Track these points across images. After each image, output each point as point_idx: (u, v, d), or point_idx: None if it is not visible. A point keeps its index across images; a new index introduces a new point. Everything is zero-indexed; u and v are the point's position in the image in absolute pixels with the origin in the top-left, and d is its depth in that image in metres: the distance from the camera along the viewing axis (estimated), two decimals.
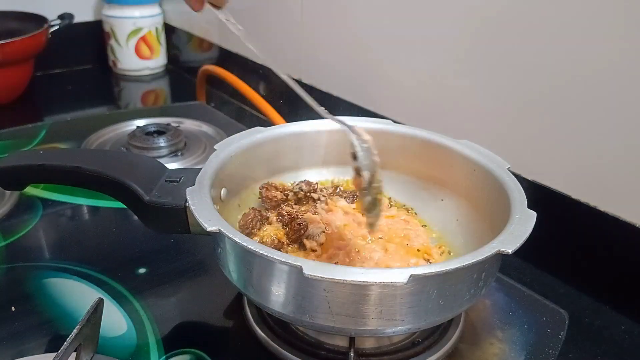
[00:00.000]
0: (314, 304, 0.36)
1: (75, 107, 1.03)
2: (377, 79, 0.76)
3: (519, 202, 0.41)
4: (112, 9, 1.11)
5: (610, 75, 0.51)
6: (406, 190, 0.53)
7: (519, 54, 0.58)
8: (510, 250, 0.35)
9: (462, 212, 0.49)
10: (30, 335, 0.45)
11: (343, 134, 0.53)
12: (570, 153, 0.55)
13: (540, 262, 0.59)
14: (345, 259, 0.43)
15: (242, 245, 0.35)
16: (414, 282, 0.33)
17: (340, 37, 0.80)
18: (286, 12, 0.87)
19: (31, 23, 0.97)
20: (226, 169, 0.46)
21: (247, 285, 0.39)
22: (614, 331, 0.51)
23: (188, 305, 0.49)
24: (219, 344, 0.45)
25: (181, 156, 0.75)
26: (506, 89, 0.60)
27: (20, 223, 0.59)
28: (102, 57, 1.19)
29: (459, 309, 0.39)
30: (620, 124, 0.51)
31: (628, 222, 0.52)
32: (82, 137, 0.77)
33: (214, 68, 0.92)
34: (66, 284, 0.51)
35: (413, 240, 0.47)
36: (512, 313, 0.49)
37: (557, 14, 0.54)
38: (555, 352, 0.45)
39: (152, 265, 0.53)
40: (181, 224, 0.43)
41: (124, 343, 0.44)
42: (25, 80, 1.01)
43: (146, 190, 0.44)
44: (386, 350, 0.44)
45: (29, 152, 0.64)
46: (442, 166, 0.51)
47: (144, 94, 1.14)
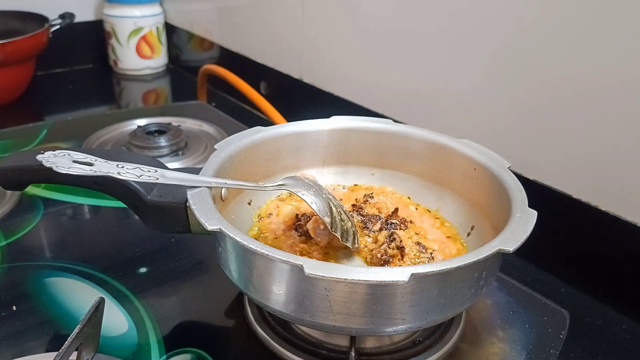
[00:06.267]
0: (315, 303, 0.36)
1: (76, 107, 1.03)
2: (377, 78, 0.76)
3: (520, 201, 0.41)
4: (113, 9, 1.11)
5: (610, 74, 0.51)
6: (406, 189, 0.53)
7: (519, 54, 0.58)
8: (511, 249, 0.35)
9: (463, 211, 0.49)
10: (31, 334, 0.45)
11: (343, 134, 0.54)
12: (571, 152, 0.55)
13: (541, 261, 0.59)
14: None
15: (243, 244, 0.35)
16: (415, 281, 0.33)
17: (341, 37, 0.80)
18: (287, 11, 0.87)
19: (32, 22, 0.98)
20: (227, 169, 0.46)
21: (248, 285, 0.39)
22: (615, 331, 0.51)
23: (189, 304, 0.49)
24: (220, 343, 0.45)
25: (182, 155, 0.75)
26: (507, 88, 0.60)
27: (21, 222, 0.59)
28: (103, 56, 1.19)
29: (459, 308, 0.39)
30: (621, 124, 0.51)
31: (629, 222, 0.52)
32: (83, 137, 0.77)
33: (214, 67, 0.93)
34: (67, 283, 0.51)
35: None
36: (513, 312, 0.49)
37: (557, 13, 0.54)
38: (556, 351, 0.45)
39: (153, 265, 0.53)
40: (182, 224, 0.43)
41: (125, 342, 0.44)
42: (26, 79, 1.01)
43: (147, 189, 0.44)
44: (387, 350, 0.44)
45: (30, 152, 0.64)
46: (443, 165, 0.51)
47: (145, 93, 1.15)
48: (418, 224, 0.49)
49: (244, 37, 1.00)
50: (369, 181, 0.54)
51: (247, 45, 1.00)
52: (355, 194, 0.53)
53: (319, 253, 0.44)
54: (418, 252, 0.44)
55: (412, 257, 0.44)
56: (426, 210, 0.51)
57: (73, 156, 0.39)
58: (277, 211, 0.50)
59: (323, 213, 0.41)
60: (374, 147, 0.54)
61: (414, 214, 0.50)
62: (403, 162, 0.53)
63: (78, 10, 1.10)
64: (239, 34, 1.01)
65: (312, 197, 0.41)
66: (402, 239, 0.44)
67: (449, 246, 0.47)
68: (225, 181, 0.42)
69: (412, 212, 0.51)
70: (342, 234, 0.42)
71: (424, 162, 0.52)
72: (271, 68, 0.95)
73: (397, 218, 0.48)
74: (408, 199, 0.53)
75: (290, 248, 0.45)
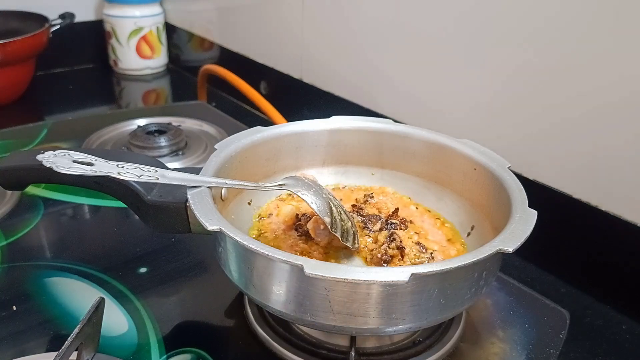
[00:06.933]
0: (315, 303, 0.36)
1: (76, 107, 1.03)
2: (377, 78, 0.76)
3: (520, 201, 0.41)
4: (113, 9, 1.11)
5: (610, 74, 0.51)
6: (406, 189, 0.53)
7: (520, 53, 0.58)
8: (511, 249, 0.35)
9: (463, 211, 0.49)
10: (31, 334, 0.45)
11: (344, 134, 0.54)
12: (572, 152, 0.55)
13: (541, 261, 0.59)
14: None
15: (243, 244, 0.35)
16: (415, 281, 0.33)
17: (341, 37, 0.80)
18: (287, 11, 0.87)
19: (32, 22, 0.98)
20: (227, 169, 0.46)
21: (248, 285, 0.39)
22: (615, 331, 0.51)
23: (189, 304, 0.49)
24: (220, 343, 0.45)
25: (182, 155, 0.75)
26: (507, 88, 0.60)
27: (21, 222, 0.59)
28: (103, 56, 1.19)
29: (460, 308, 0.39)
30: (622, 124, 0.51)
31: (629, 222, 0.52)
32: (83, 137, 0.77)
33: (214, 67, 0.93)
34: (67, 283, 0.51)
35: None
36: (513, 312, 0.49)
37: (559, 12, 0.54)
38: (556, 351, 0.45)
39: (153, 265, 0.53)
40: (182, 223, 0.43)
41: (125, 342, 0.44)
42: (26, 79, 1.01)
43: (147, 189, 0.44)
44: (387, 350, 0.44)
45: (30, 152, 0.64)
46: (443, 165, 0.51)
47: (145, 93, 1.15)
48: (418, 224, 0.49)
49: (244, 37, 1.00)
50: (369, 181, 0.54)
51: (247, 45, 1.00)
52: (355, 194, 0.53)
53: (319, 253, 0.44)
54: (418, 252, 0.44)
55: (412, 257, 0.44)
56: (426, 210, 0.51)
57: (73, 156, 0.39)
58: (277, 211, 0.50)
59: (323, 213, 0.41)
60: (374, 147, 0.54)
61: (414, 214, 0.50)
62: (403, 162, 0.53)
63: (78, 10, 1.10)
64: (239, 34, 1.01)
65: (312, 197, 0.41)
66: (402, 239, 0.44)
67: (449, 246, 0.47)
68: (225, 181, 0.42)
69: (412, 212, 0.51)
70: (342, 234, 0.42)
71: (424, 162, 0.52)
72: (271, 68, 0.95)
73: (397, 218, 0.48)
74: (408, 199, 0.53)
75: (290, 248, 0.45)
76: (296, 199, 0.51)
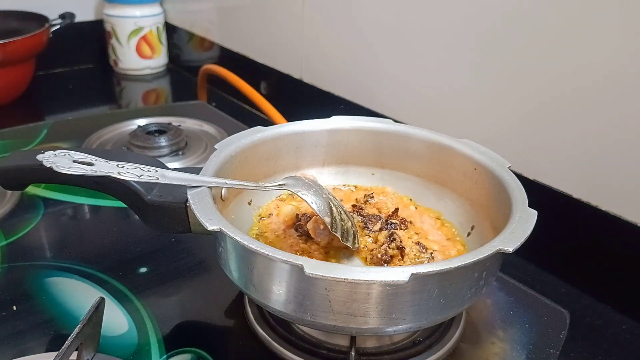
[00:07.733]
0: (315, 303, 0.36)
1: (77, 107, 1.03)
2: (378, 78, 0.76)
3: (520, 201, 0.41)
4: (113, 8, 1.11)
5: (611, 74, 0.51)
6: (406, 189, 0.53)
7: (520, 53, 0.58)
8: (511, 249, 0.35)
9: (463, 211, 0.49)
10: (31, 334, 0.45)
11: (343, 134, 0.54)
12: (572, 152, 0.55)
13: (541, 261, 0.59)
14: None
15: (243, 244, 0.35)
16: (415, 281, 0.33)
17: (341, 37, 0.80)
18: (287, 11, 0.87)
19: (32, 22, 0.98)
20: (227, 169, 0.46)
21: (248, 284, 0.39)
22: (615, 331, 0.51)
23: (189, 304, 0.49)
24: (220, 343, 0.45)
25: (182, 155, 0.75)
26: (507, 88, 0.60)
27: (21, 222, 0.59)
28: (103, 56, 1.19)
29: (460, 308, 0.39)
30: (622, 124, 0.51)
31: (629, 222, 0.52)
32: (83, 137, 0.77)
33: (214, 67, 0.93)
34: (67, 283, 0.51)
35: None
36: (513, 312, 0.49)
37: (560, 14, 0.54)
38: (557, 351, 0.45)
39: (153, 265, 0.53)
40: (182, 223, 0.43)
41: (125, 342, 0.44)
42: (27, 79, 1.01)
43: (147, 189, 0.44)
44: (387, 350, 0.44)
45: (30, 152, 0.64)
46: (443, 165, 0.51)
47: (145, 93, 1.15)
48: (418, 224, 0.49)
49: (244, 37, 1.00)
50: (369, 181, 0.54)
51: (247, 45, 1.00)
52: (356, 194, 0.53)
53: (319, 253, 0.44)
54: (418, 252, 0.44)
55: (412, 257, 0.44)
56: (426, 210, 0.51)
57: (73, 156, 0.39)
58: (278, 211, 0.50)
59: (323, 213, 0.41)
60: (374, 147, 0.54)
61: (414, 214, 0.50)
62: (403, 162, 0.53)
63: (78, 10, 1.10)
64: (239, 34, 1.01)
65: (312, 197, 0.41)
66: (402, 239, 0.44)
67: (449, 246, 0.47)
68: (226, 181, 0.42)
69: (412, 212, 0.51)
70: (342, 234, 0.42)
71: (424, 162, 0.52)
72: (271, 68, 0.95)
73: (397, 218, 0.48)
74: (409, 199, 0.53)
75: (290, 248, 0.45)
76: (296, 198, 0.51)
